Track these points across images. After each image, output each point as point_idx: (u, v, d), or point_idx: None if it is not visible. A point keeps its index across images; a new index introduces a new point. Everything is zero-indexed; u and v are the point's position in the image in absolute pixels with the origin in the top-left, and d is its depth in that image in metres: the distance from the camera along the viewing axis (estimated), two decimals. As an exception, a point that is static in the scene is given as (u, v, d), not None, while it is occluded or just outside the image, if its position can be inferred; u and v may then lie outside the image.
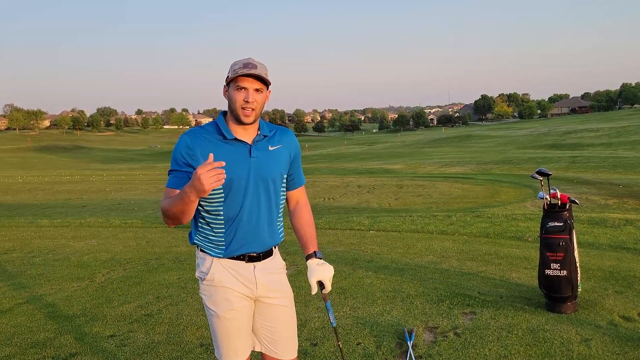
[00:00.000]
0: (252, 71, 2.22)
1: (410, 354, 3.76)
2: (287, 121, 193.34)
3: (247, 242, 2.37)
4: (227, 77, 2.29)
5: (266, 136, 2.41)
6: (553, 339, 3.92)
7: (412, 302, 4.88)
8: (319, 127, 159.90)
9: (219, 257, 2.37)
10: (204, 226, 2.39)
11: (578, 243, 4.89)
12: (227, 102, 2.34)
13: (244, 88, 2.25)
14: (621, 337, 3.92)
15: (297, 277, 5.88)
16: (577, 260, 4.56)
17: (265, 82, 2.29)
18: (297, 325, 4.44)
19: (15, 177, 36.53)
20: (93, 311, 5.08)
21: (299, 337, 4.16)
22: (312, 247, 2.55)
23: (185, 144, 2.27)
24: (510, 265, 6.06)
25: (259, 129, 2.40)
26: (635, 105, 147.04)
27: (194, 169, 2.22)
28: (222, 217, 2.34)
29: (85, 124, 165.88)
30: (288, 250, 7.29)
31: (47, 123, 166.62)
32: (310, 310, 4.77)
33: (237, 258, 2.39)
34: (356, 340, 4.07)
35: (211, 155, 2.03)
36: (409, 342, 3.91)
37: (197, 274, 2.46)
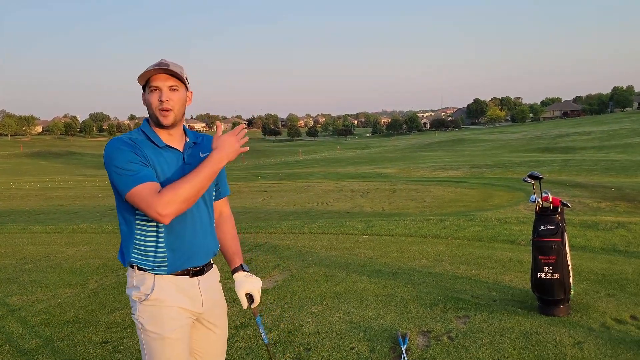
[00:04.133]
0: (162, 67, 2.10)
1: (404, 358, 3.77)
2: (280, 126, 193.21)
3: (192, 254, 2.25)
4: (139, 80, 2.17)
5: (196, 143, 2.32)
6: (546, 342, 3.93)
7: (405, 306, 4.88)
8: (312, 132, 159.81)
9: (162, 274, 2.20)
10: (143, 242, 2.19)
11: (570, 246, 4.92)
12: (147, 109, 2.21)
13: (157, 88, 2.14)
14: (613, 339, 3.93)
15: (291, 282, 5.88)
16: (569, 263, 4.58)
17: (180, 79, 2.16)
18: (291, 329, 4.48)
19: (7, 184, 36.32)
20: (86, 318, 5.05)
21: (292, 341, 4.18)
22: (239, 260, 2.46)
23: (130, 142, 2.12)
24: (503, 269, 6.08)
25: (186, 136, 2.31)
26: (626, 109, 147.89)
27: (147, 165, 2.10)
28: (163, 229, 2.17)
29: (78, 129, 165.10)
30: (282, 255, 7.29)
31: (39, 129, 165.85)
32: (304, 315, 4.77)
33: (181, 273, 2.24)
34: (350, 345, 4.07)
35: (241, 127, 2.19)
36: (402, 347, 3.92)
37: (133, 296, 2.21)
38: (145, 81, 2.16)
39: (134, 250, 2.20)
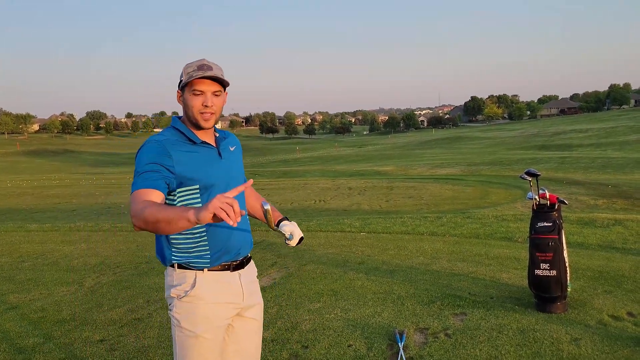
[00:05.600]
0: (209, 73, 2.11)
1: (401, 355, 3.76)
2: (277, 124, 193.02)
3: (232, 247, 2.26)
4: (180, 81, 2.17)
5: (224, 138, 2.36)
6: (543, 338, 3.93)
7: (403, 303, 4.88)
8: (309, 130, 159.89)
9: (203, 270, 2.21)
10: (182, 241, 2.20)
11: (567, 243, 4.92)
12: (182, 107, 2.22)
13: (202, 92, 2.13)
14: (610, 336, 3.94)
15: (288, 279, 5.87)
16: (566, 260, 4.59)
17: (223, 84, 2.18)
18: (288, 327, 4.47)
19: (4, 182, 36.25)
20: (83, 316, 5.04)
21: (290, 339, 4.18)
22: (279, 214, 2.53)
23: (161, 146, 2.10)
24: (501, 266, 6.08)
25: (215, 131, 2.34)
26: (623, 106, 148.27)
27: (171, 172, 2.08)
28: (204, 226, 2.18)
29: (75, 127, 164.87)
30: (279, 253, 7.28)
31: (36, 127, 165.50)
32: (301, 312, 4.76)
33: (223, 268, 2.25)
34: (347, 342, 4.06)
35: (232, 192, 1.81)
36: (400, 344, 3.92)
37: (172, 293, 2.23)
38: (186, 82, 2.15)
39: (173, 249, 2.22)
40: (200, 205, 2.09)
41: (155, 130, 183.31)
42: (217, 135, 2.33)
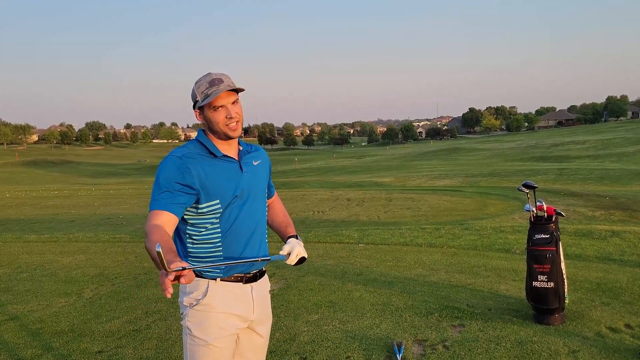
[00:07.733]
0: (222, 87, 2.15)
1: (399, 367, 3.77)
2: (276, 135, 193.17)
3: (246, 259, 2.26)
4: (196, 102, 2.20)
5: (249, 152, 2.40)
6: (541, 350, 3.94)
7: (401, 315, 4.89)
8: (308, 141, 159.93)
9: (215, 279, 2.24)
10: (198, 248, 2.26)
11: (565, 255, 4.95)
12: (205, 123, 2.27)
13: (222, 106, 2.18)
14: (608, 348, 3.95)
15: (287, 290, 5.88)
16: (564, 272, 4.60)
17: (237, 90, 2.22)
18: (287, 338, 4.48)
19: (3, 192, 36.18)
20: (81, 327, 5.04)
21: (288, 351, 4.18)
22: (293, 231, 2.51)
23: (181, 164, 2.14)
24: (499, 278, 6.10)
25: (239, 145, 2.37)
26: (621, 118, 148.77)
27: (192, 188, 2.13)
28: (219, 235, 2.23)
29: (74, 138, 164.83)
30: (278, 264, 7.28)
31: (35, 137, 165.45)
32: (299, 324, 4.77)
33: (235, 280, 2.28)
34: (345, 354, 4.07)
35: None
36: (398, 355, 3.92)
37: (185, 301, 2.26)
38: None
39: (189, 258, 2.26)
40: (219, 223, 2.23)
41: (154, 141, 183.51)
42: (242, 148, 2.37)
